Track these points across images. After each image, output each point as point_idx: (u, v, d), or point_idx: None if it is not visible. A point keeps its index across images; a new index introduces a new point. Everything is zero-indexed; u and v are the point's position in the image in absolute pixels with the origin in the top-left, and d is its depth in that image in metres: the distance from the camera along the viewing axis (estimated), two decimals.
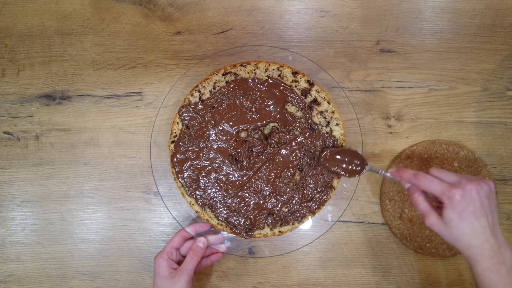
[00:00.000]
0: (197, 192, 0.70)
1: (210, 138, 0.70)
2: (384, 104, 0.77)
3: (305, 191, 0.70)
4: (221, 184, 0.70)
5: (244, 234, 0.70)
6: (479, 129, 0.77)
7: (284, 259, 0.76)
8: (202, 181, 0.70)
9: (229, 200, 0.70)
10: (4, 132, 0.76)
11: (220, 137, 0.70)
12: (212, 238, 0.70)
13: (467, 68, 0.78)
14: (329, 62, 0.77)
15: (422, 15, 0.78)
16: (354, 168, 0.67)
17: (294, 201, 0.70)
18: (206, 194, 0.70)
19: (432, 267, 0.76)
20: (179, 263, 0.68)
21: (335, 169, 0.68)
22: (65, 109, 0.77)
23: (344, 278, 0.76)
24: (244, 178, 0.70)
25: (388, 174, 0.63)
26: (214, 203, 0.70)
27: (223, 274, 0.75)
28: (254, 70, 0.71)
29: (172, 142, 0.71)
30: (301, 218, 0.71)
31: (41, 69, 0.77)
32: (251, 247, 0.75)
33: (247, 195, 0.70)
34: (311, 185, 0.70)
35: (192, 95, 0.71)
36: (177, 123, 0.71)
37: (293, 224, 0.71)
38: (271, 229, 0.71)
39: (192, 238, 0.71)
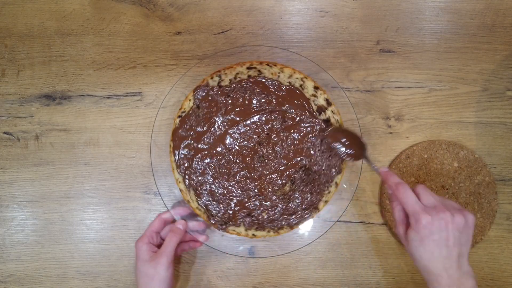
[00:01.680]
0: (187, 172, 0.70)
1: (216, 124, 0.70)
2: (384, 104, 0.77)
3: (290, 204, 0.70)
4: (212, 171, 0.70)
5: (219, 225, 0.70)
6: (479, 129, 0.77)
7: (284, 259, 0.76)
8: (195, 163, 0.70)
9: (215, 189, 0.70)
10: (4, 132, 0.76)
11: (226, 126, 0.70)
12: (192, 223, 0.70)
13: (467, 68, 0.78)
14: (329, 62, 0.77)
15: (422, 15, 0.78)
16: (353, 151, 0.67)
17: (276, 210, 0.70)
18: (195, 176, 0.70)
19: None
20: (160, 246, 0.67)
21: (335, 145, 0.68)
22: (65, 109, 0.77)
23: (344, 278, 0.76)
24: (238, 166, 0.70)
25: (379, 170, 0.63)
26: (200, 187, 0.70)
27: (223, 274, 0.75)
28: (279, 73, 0.71)
29: (179, 116, 0.70)
30: (277, 229, 0.70)
31: (41, 69, 0.77)
32: (251, 247, 0.74)
33: (234, 190, 0.70)
34: (297, 200, 0.70)
35: (212, 78, 0.71)
36: (189, 100, 0.71)
37: (268, 231, 0.70)
38: (245, 230, 0.70)
39: (172, 222, 0.71)
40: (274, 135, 0.71)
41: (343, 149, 0.68)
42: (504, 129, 0.77)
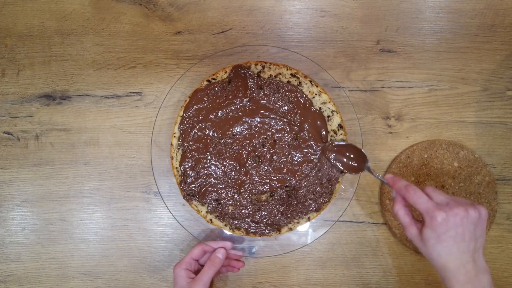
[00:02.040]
0: (186, 132, 0.70)
1: (235, 106, 0.70)
2: (384, 104, 0.77)
3: (258, 213, 0.70)
4: (207, 144, 0.70)
5: (186, 194, 0.70)
6: (479, 129, 0.77)
7: (284, 259, 0.76)
8: (197, 128, 0.70)
9: (201, 161, 0.70)
10: (4, 132, 0.76)
11: (243, 113, 0.70)
12: (233, 252, 0.71)
13: (467, 68, 0.78)
14: (329, 62, 0.77)
15: (422, 15, 0.78)
16: (354, 164, 0.68)
17: (242, 211, 0.70)
18: (190, 139, 0.70)
19: (432, 267, 0.76)
20: (198, 272, 0.68)
21: (335, 162, 0.68)
22: (65, 109, 0.77)
23: (344, 278, 0.76)
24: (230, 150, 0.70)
25: (383, 179, 0.63)
26: (189, 152, 0.70)
27: (223, 274, 0.75)
28: (316, 94, 0.71)
29: (208, 81, 0.71)
30: (234, 227, 0.70)
31: (41, 69, 0.77)
32: (251, 247, 0.75)
33: (217, 171, 0.70)
34: (265, 213, 0.70)
35: (256, 65, 0.71)
36: (226, 72, 0.71)
37: (225, 225, 0.70)
38: (206, 212, 0.70)
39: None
40: (279, 145, 0.70)
41: (347, 162, 0.68)
42: (504, 129, 0.77)
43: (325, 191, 0.70)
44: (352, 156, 0.68)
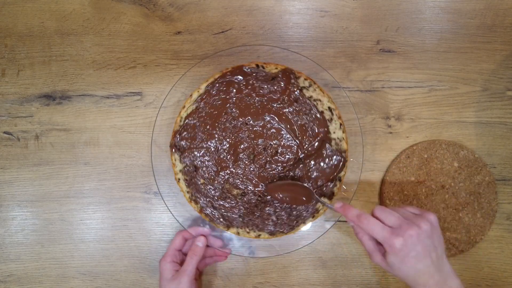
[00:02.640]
0: (211, 94, 0.70)
1: (264, 100, 0.70)
2: (384, 104, 0.77)
3: (220, 201, 0.70)
4: (219, 115, 0.70)
5: (175, 146, 0.70)
6: (479, 129, 0.77)
7: (284, 259, 0.76)
8: (220, 97, 0.70)
9: (206, 126, 0.70)
10: (4, 132, 0.76)
11: (268, 110, 0.70)
12: (212, 240, 0.71)
13: (467, 68, 0.78)
14: (329, 62, 0.77)
15: (422, 15, 0.78)
16: (303, 198, 0.68)
17: (210, 191, 0.70)
18: (210, 102, 0.70)
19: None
20: (183, 263, 0.68)
21: (281, 196, 0.68)
22: (65, 109, 0.77)
23: (344, 278, 0.76)
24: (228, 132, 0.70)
25: (334, 207, 0.63)
26: (199, 114, 0.70)
27: (223, 274, 0.76)
28: (338, 139, 0.71)
29: (257, 65, 0.71)
30: (193, 199, 0.71)
31: (41, 69, 0.77)
32: (251, 247, 0.75)
33: (212, 142, 0.70)
34: (226, 205, 0.70)
35: (305, 79, 0.71)
36: (276, 68, 0.71)
37: (187, 192, 0.70)
38: (180, 170, 0.71)
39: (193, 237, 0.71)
40: (277, 159, 0.70)
41: (295, 198, 0.68)
42: (504, 129, 0.77)
43: (288, 223, 0.70)
44: (297, 191, 0.68)
